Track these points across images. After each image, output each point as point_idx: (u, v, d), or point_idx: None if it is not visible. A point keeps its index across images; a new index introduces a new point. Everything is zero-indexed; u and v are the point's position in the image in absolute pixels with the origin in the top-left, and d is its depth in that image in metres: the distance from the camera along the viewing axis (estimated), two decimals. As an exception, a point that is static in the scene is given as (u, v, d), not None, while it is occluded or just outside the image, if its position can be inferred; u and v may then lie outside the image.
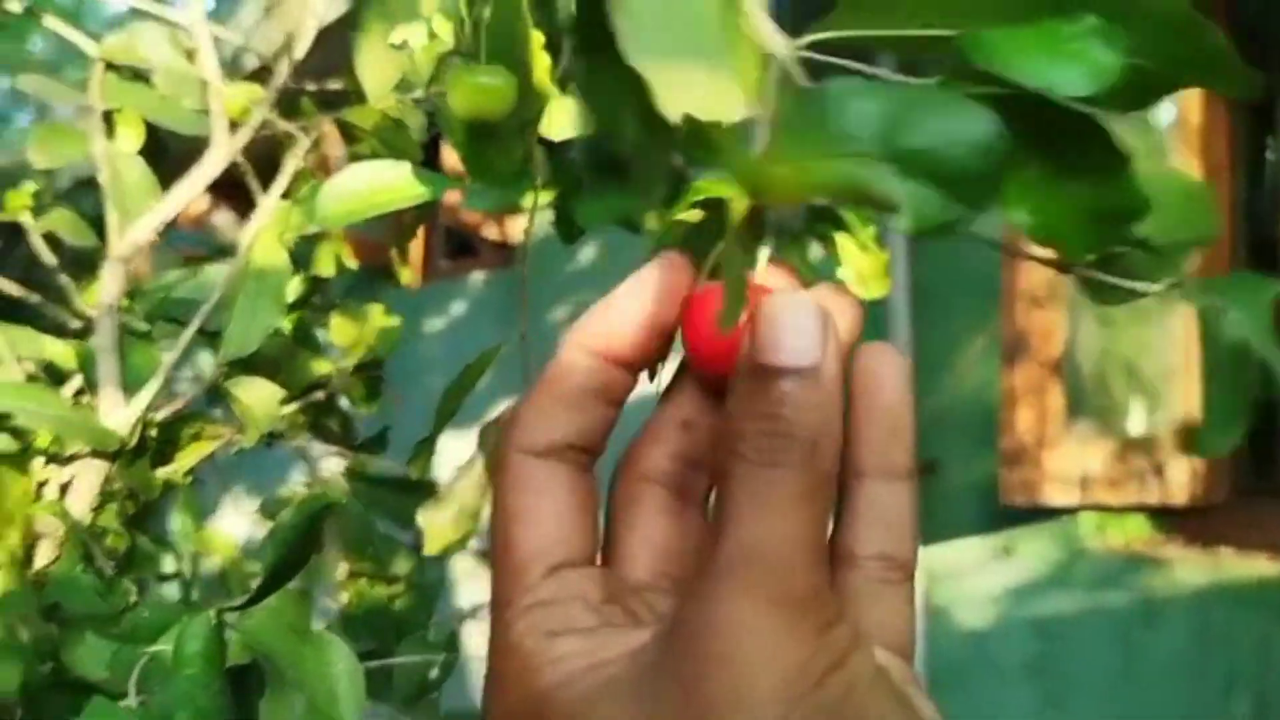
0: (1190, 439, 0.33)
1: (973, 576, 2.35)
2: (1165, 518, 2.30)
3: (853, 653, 0.27)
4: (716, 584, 0.27)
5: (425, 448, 1.00)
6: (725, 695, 0.26)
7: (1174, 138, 2.33)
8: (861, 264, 1.27)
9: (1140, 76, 0.28)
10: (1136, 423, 2.23)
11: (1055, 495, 2.14)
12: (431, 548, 0.92)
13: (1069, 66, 0.27)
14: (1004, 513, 2.29)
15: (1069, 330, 2.08)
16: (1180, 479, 2.26)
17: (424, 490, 1.13)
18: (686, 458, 0.33)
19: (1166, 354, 2.27)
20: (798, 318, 0.27)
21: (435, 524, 0.93)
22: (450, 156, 2.97)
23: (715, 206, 0.33)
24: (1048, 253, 0.30)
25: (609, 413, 0.33)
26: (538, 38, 0.75)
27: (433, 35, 0.72)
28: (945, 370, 2.44)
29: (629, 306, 0.32)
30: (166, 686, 0.60)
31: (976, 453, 2.42)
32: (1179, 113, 2.37)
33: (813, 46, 0.31)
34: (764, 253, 0.32)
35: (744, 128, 0.31)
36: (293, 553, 0.65)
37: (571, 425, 0.31)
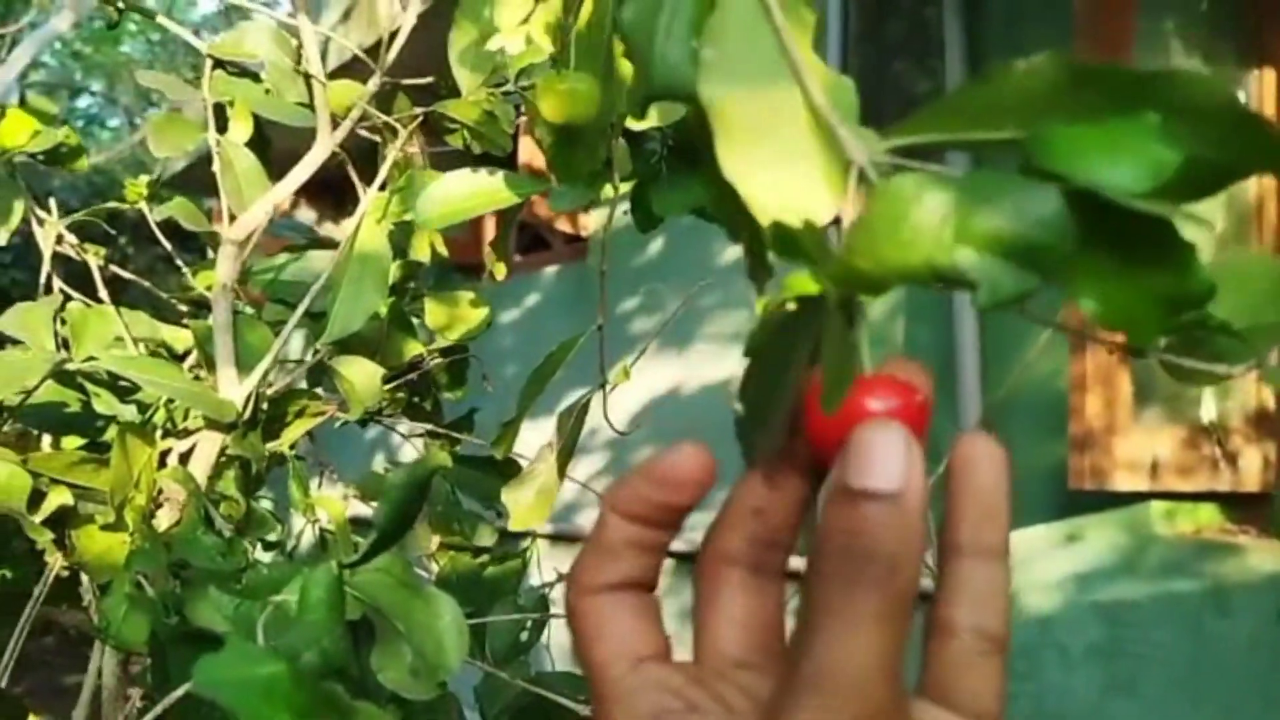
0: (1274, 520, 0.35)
1: (1041, 562, 2.36)
2: (1236, 505, 2.29)
3: None
4: (796, 703, 0.29)
5: (509, 430, 1.05)
6: None
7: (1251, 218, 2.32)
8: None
9: (1198, 170, 0.29)
10: (1207, 410, 2.22)
11: (1124, 481, 2.14)
12: (516, 523, 0.97)
13: (1129, 164, 0.29)
14: (1073, 499, 2.29)
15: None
16: (1252, 466, 2.25)
17: (507, 469, 1.18)
18: (762, 540, 0.36)
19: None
20: (887, 445, 0.30)
21: (518, 502, 0.98)
22: (526, 151, 3.03)
23: (806, 300, 0.36)
24: (1119, 337, 0.31)
25: (651, 558, 0.36)
26: (620, 46, 0.80)
27: (530, 42, 0.76)
28: (1014, 357, 2.45)
29: (641, 486, 0.35)
30: (292, 630, 0.65)
31: (1046, 439, 2.43)
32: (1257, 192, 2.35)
33: (890, 151, 0.33)
34: (863, 340, 0.34)
35: (826, 226, 0.34)
36: (403, 511, 0.70)
37: (617, 572, 0.35)
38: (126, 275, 1.31)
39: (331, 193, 5.36)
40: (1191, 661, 2.16)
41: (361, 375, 1.01)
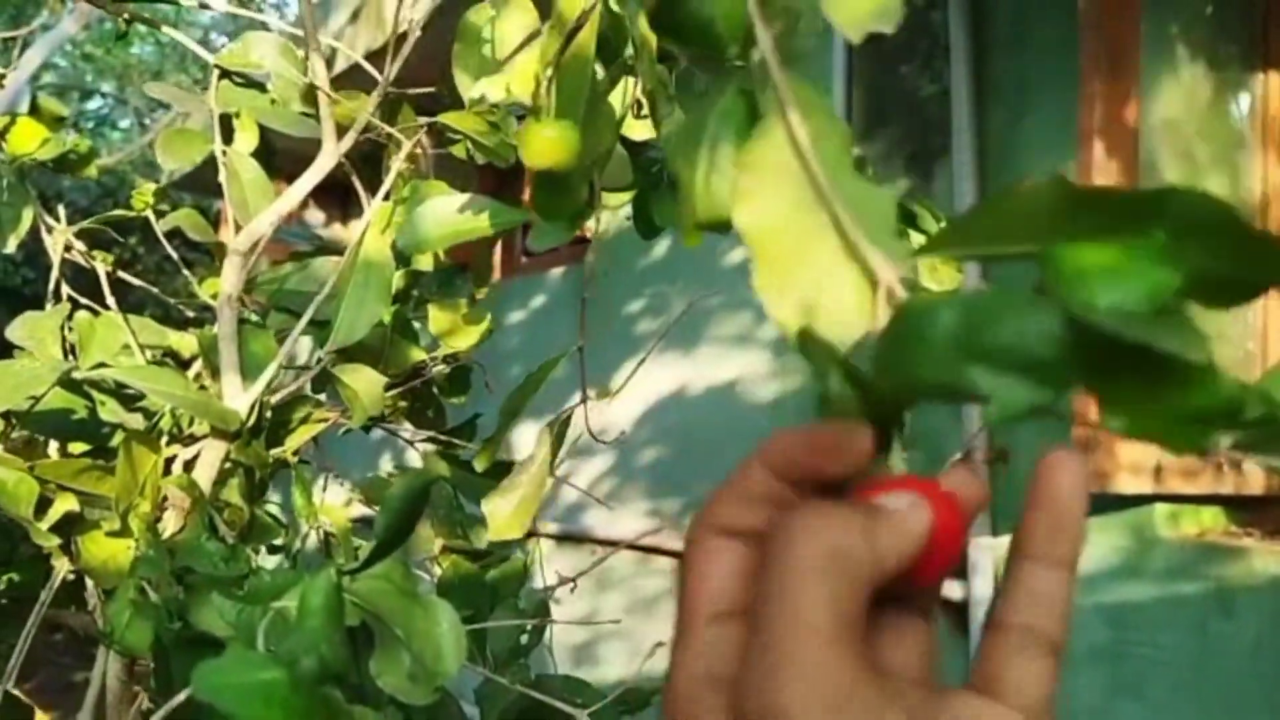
0: None
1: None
2: (1240, 508, 2.29)
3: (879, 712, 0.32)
4: (748, 669, 0.33)
5: (490, 445, 1.07)
6: None
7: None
8: (933, 257, 1.30)
9: (1205, 286, 0.30)
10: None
11: (1128, 484, 2.14)
12: (494, 533, 0.98)
13: (1130, 285, 0.30)
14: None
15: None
16: (1256, 469, 2.25)
17: (502, 476, 1.19)
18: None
19: (1243, 342, 2.26)
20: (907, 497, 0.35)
21: (497, 512, 0.99)
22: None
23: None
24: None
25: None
26: (604, 86, 0.81)
27: (508, 91, 0.78)
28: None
29: (799, 447, 0.37)
30: (292, 636, 0.66)
31: (1049, 441, 2.43)
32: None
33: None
34: (897, 449, 0.36)
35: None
36: (402, 520, 0.71)
37: (744, 520, 0.37)
38: (136, 282, 1.33)
39: (340, 194, 5.38)
40: (1196, 664, 2.17)
41: (364, 383, 1.02)
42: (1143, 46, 2.27)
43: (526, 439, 1.23)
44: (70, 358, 0.94)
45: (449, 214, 0.85)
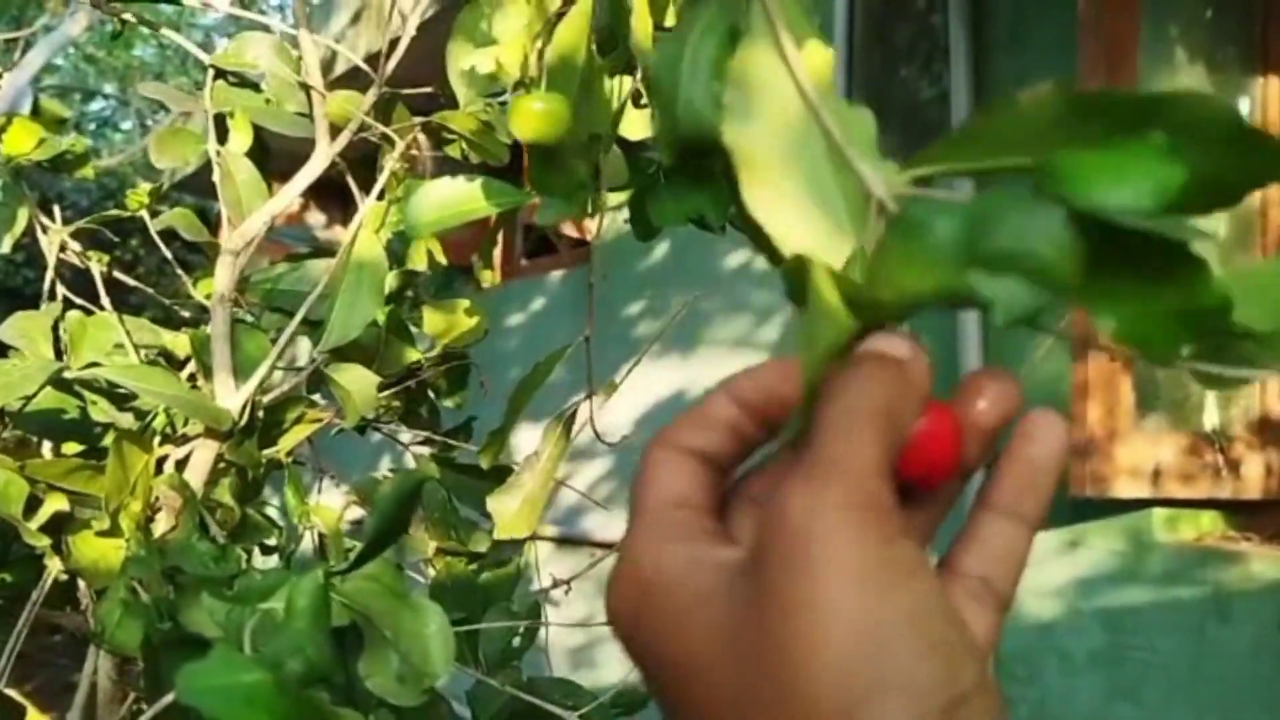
0: None
1: (1043, 568, 2.36)
2: (1238, 512, 2.28)
3: (921, 569, 0.30)
4: (792, 490, 0.30)
5: (496, 440, 1.07)
6: (799, 596, 0.29)
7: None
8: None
9: (1205, 186, 0.29)
10: (1210, 417, 2.22)
11: (1126, 488, 2.14)
12: (501, 531, 0.98)
13: (1134, 185, 0.29)
14: (1074, 505, 2.29)
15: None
16: (1254, 473, 2.25)
17: (503, 477, 1.19)
18: (728, 453, 0.38)
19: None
20: (897, 337, 0.34)
21: (503, 511, 0.99)
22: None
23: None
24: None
25: (735, 446, 0.37)
26: (601, 65, 0.81)
27: (499, 65, 0.78)
28: (1016, 364, 2.45)
29: (774, 376, 0.37)
30: (278, 638, 0.66)
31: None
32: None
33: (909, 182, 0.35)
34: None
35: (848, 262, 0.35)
36: (391, 521, 0.71)
37: (701, 441, 0.37)
38: (131, 282, 1.33)
39: (341, 195, 5.38)
40: (1193, 668, 2.16)
41: (357, 383, 1.02)
42: (1142, 49, 2.27)
43: (524, 440, 1.23)
44: (63, 357, 0.94)
45: (449, 194, 0.84)
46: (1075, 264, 0.30)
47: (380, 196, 1.10)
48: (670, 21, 0.96)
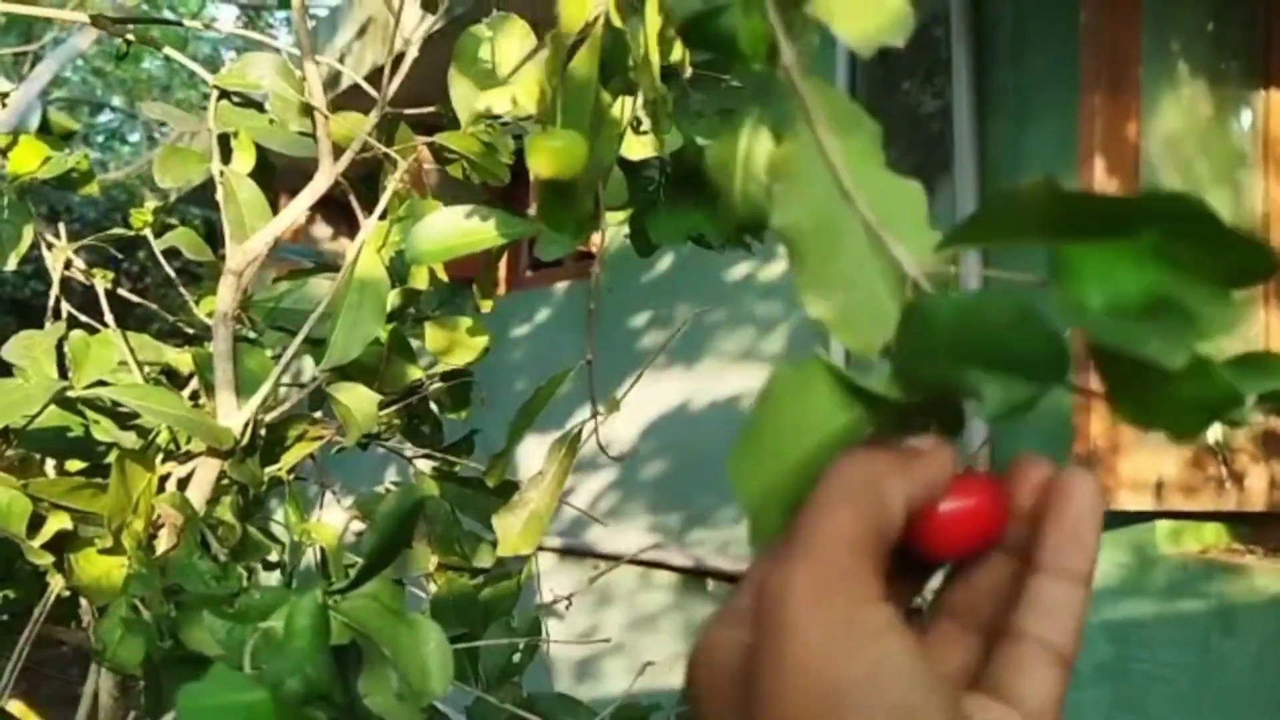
0: None
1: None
2: (1242, 525, 2.28)
3: (886, 633, 0.32)
4: (773, 564, 0.33)
5: (501, 460, 1.07)
6: (772, 660, 0.32)
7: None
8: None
9: (1193, 288, 0.31)
10: (1213, 429, 2.22)
11: (1129, 501, 2.14)
12: (505, 549, 0.99)
13: (1121, 283, 0.31)
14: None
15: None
16: (1258, 486, 2.24)
17: (506, 492, 1.20)
18: None
19: (1247, 333, 2.26)
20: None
21: (507, 527, 0.99)
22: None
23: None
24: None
25: None
26: (607, 97, 0.82)
27: (515, 103, 0.79)
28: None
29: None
30: (278, 657, 0.67)
31: (1050, 457, 2.42)
32: None
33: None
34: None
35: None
36: (390, 540, 0.71)
37: None
38: (135, 299, 1.34)
39: (346, 208, 5.39)
40: (1198, 681, 2.16)
41: (359, 401, 1.02)
42: (1143, 62, 2.27)
43: (526, 456, 1.23)
44: (67, 376, 0.95)
45: (453, 225, 0.85)
46: (1065, 359, 0.31)
47: (383, 216, 1.11)
48: (676, 57, 0.97)
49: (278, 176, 1.18)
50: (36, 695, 1.05)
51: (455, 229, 0.84)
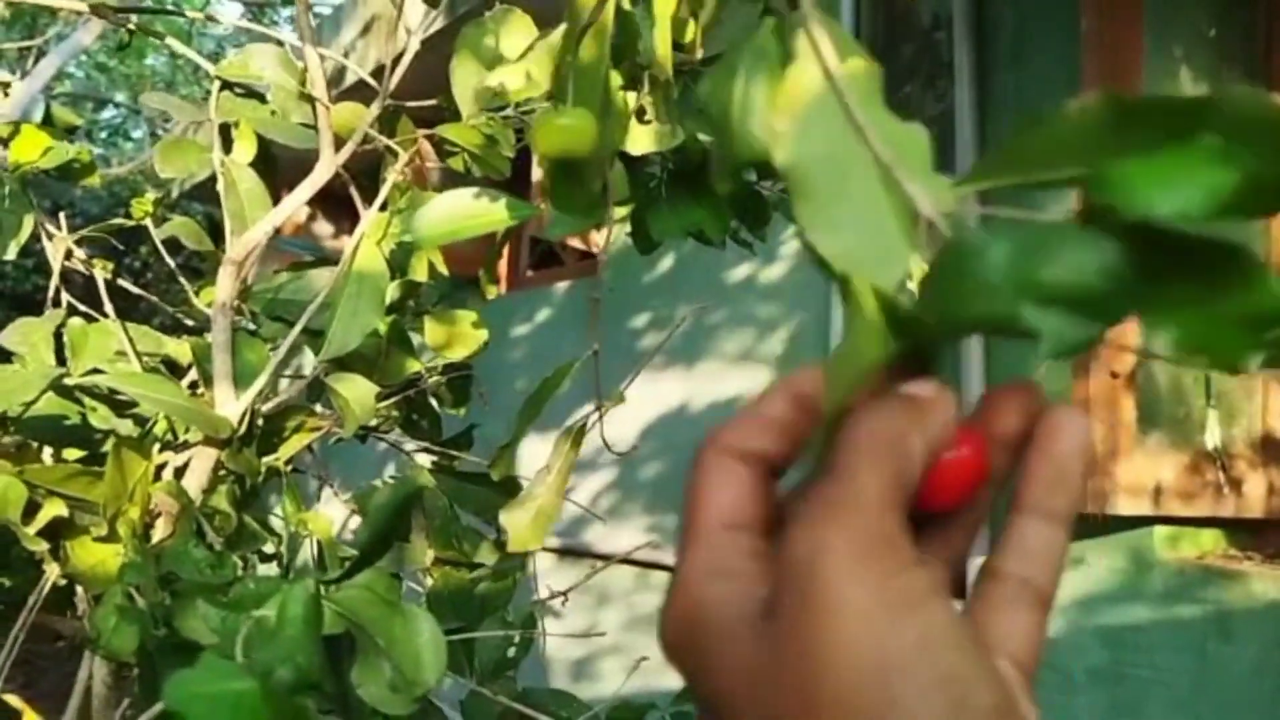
0: None
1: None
2: (1240, 531, 2.28)
3: (930, 599, 0.31)
4: (800, 530, 0.31)
5: (506, 452, 1.07)
6: (809, 636, 0.30)
7: None
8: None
9: (1257, 190, 0.29)
10: (1212, 435, 2.22)
11: (1127, 506, 2.13)
12: (514, 545, 0.98)
13: (1184, 192, 0.29)
14: (1075, 523, 2.29)
15: (1143, 341, 2.08)
16: (1256, 492, 2.24)
17: (507, 487, 1.19)
18: (774, 454, 0.38)
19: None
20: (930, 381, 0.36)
21: (516, 523, 0.99)
22: (538, 171, 3.06)
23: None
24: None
25: (793, 449, 0.37)
26: (617, 79, 0.82)
27: (529, 78, 0.79)
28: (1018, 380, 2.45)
29: (808, 382, 0.37)
30: (269, 646, 0.67)
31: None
32: None
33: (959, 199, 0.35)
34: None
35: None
36: (384, 531, 0.71)
37: (757, 443, 0.37)
38: (136, 291, 1.34)
39: (348, 205, 5.39)
40: (1195, 687, 2.16)
41: (357, 393, 1.02)
42: (1145, 68, 2.27)
43: (524, 454, 1.23)
44: (65, 364, 0.95)
45: (457, 208, 0.85)
46: (1124, 294, 0.30)
47: (383, 207, 1.11)
48: (689, 37, 0.97)
49: (279, 175, 1.18)
50: (35, 688, 1.05)
51: (460, 211, 0.83)
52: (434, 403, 1.36)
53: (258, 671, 0.63)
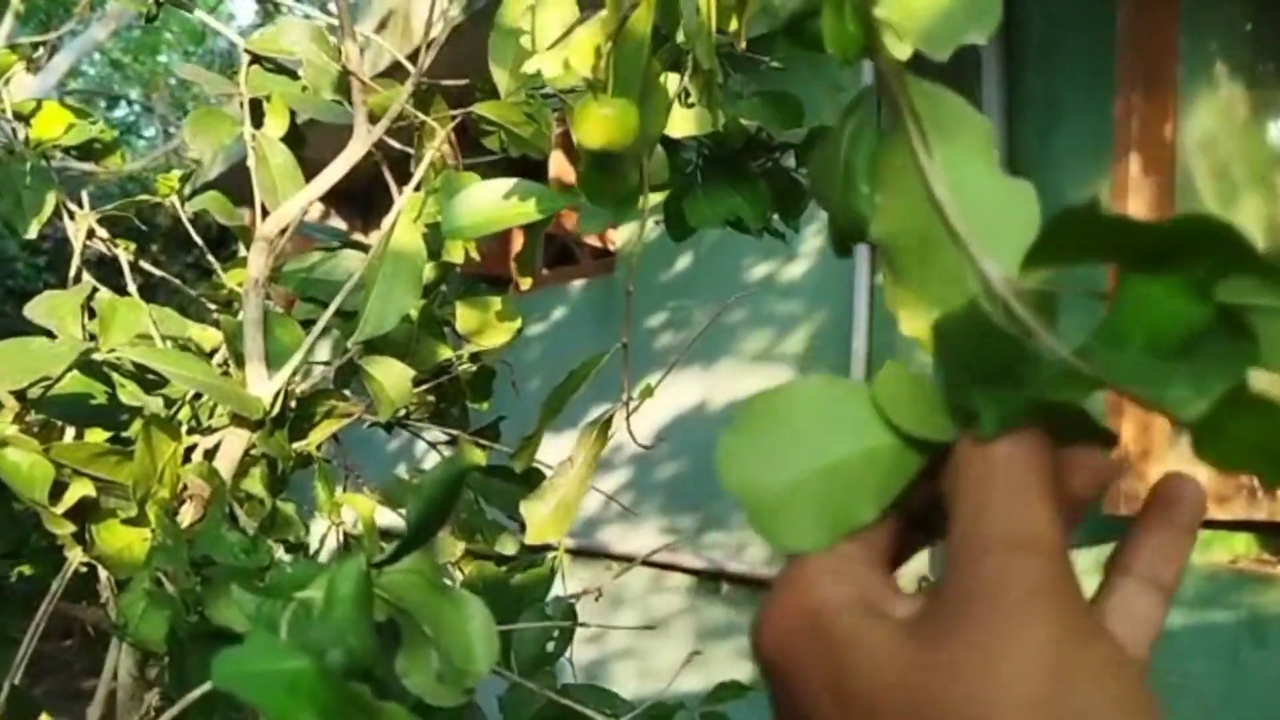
0: None
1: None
2: (1274, 535, 2.24)
3: (1103, 633, 0.31)
4: (982, 561, 0.31)
5: (529, 443, 1.04)
6: (998, 648, 0.29)
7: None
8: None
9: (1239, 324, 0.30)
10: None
11: (1162, 509, 2.09)
12: (532, 536, 0.95)
13: (1161, 318, 0.30)
14: (1107, 525, 2.25)
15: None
16: (1293, 497, 2.20)
17: (531, 480, 1.16)
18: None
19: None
20: None
21: (536, 516, 0.96)
22: (556, 165, 3.03)
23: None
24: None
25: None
26: (658, 66, 0.79)
27: (567, 66, 0.76)
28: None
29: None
30: (318, 627, 0.63)
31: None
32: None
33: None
34: None
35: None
36: (437, 508, 0.67)
37: None
38: (157, 273, 1.31)
39: (360, 202, 5.37)
40: (1227, 692, 2.11)
41: (392, 376, 0.99)
42: (1181, 63, 2.24)
43: (543, 453, 1.19)
44: (90, 340, 0.92)
45: (491, 199, 0.82)
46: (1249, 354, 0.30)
47: (417, 188, 1.07)
48: (734, 26, 0.93)
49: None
50: (39, 689, 1.02)
51: (494, 203, 0.80)
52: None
53: (309, 652, 0.60)
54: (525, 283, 1.32)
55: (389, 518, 1.18)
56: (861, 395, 0.36)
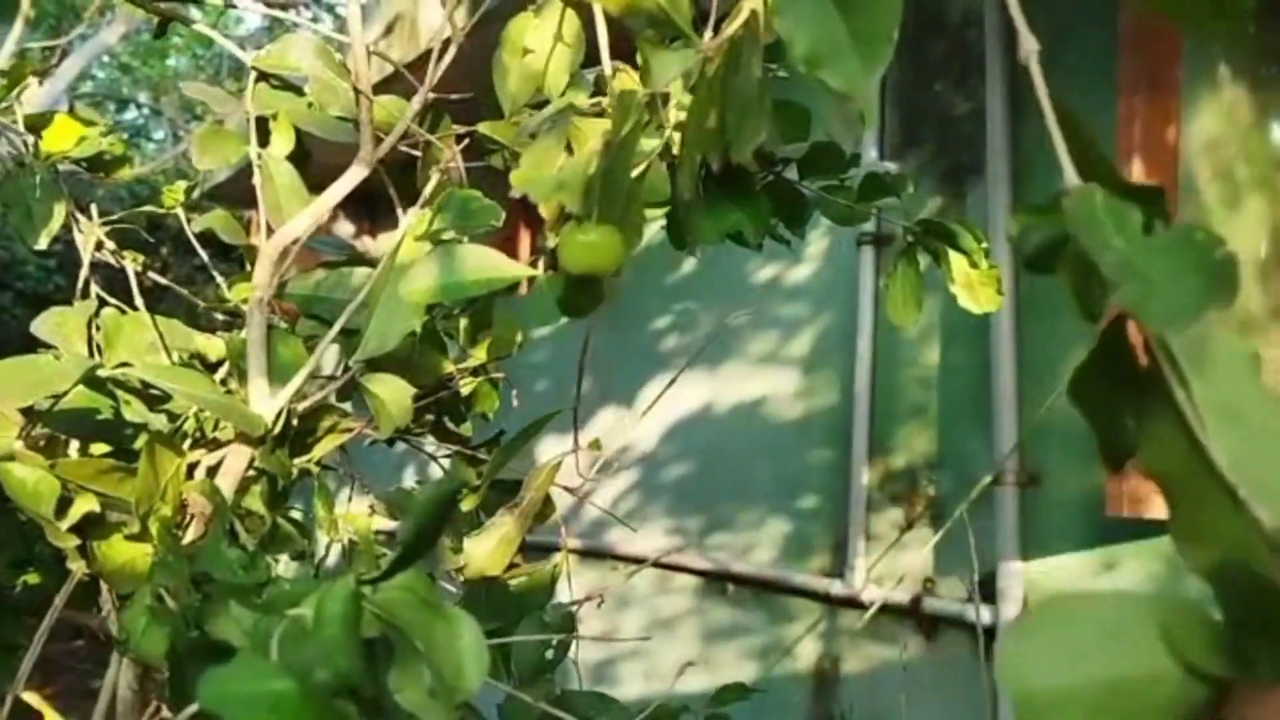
0: None
1: (1076, 590, 2.31)
2: (1279, 540, 2.23)
3: None
4: None
5: (498, 456, 1.07)
6: None
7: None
8: (972, 278, 1.28)
9: None
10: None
11: (1161, 509, 2.09)
12: (472, 571, 0.97)
13: None
14: (1110, 526, 2.25)
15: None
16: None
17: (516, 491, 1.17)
18: None
19: (1285, 375, 2.22)
20: None
21: (475, 552, 0.98)
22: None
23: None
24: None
25: None
26: (639, 191, 0.82)
27: (564, 193, 0.79)
28: (1050, 382, 2.42)
29: None
30: (306, 646, 0.64)
31: (1083, 464, 2.39)
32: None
33: None
34: None
35: None
36: (427, 527, 0.69)
37: None
38: (164, 282, 1.32)
39: (368, 206, 5.40)
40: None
41: (393, 393, 1.00)
42: (1184, 64, 2.24)
43: (544, 447, 1.21)
44: (96, 356, 0.93)
45: (486, 262, 0.86)
46: None
47: (423, 205, 1.08)
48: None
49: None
50: (50, 689, 1.03)
51: (489, 265, 0.85)
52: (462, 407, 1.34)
53: (296, 672, 0.61)
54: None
55: (392, 522, 1.20)
56: (1150, 615, 0.37)
